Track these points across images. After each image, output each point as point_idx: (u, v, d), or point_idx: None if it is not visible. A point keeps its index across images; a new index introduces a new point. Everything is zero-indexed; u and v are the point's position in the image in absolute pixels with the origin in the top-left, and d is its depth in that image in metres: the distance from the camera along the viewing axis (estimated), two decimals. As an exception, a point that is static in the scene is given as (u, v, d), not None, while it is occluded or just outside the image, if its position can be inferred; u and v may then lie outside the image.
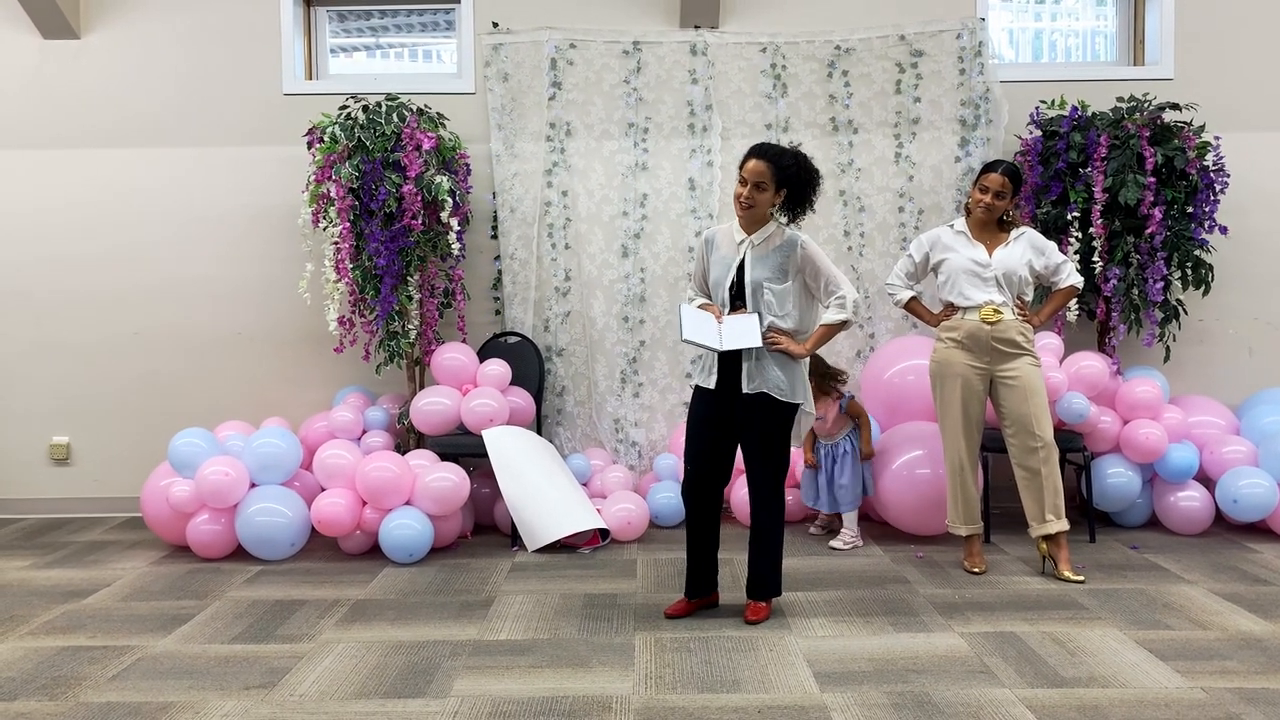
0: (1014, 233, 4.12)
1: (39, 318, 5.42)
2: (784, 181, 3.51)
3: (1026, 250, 4.09)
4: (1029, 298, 4.16)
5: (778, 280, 3.52)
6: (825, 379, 4.53)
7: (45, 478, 5.47)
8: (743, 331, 3.44)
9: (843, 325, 3.60)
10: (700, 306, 3.60)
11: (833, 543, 4.55)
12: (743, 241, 3.58)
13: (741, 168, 3.52)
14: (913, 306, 4.29)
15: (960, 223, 4.17)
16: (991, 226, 4.12)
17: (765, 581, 3.62)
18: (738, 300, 3.55)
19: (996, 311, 4.02)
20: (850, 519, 4.57)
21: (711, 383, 3.52)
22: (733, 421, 3.54)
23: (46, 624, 3.66)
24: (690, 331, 3.42)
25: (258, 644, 3.42)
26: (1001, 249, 4.07)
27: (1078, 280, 4.17)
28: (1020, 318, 4.07)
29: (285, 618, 3.68)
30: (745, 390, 3.48)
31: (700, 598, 3.69)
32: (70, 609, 3.83)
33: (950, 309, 4.14)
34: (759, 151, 3.51)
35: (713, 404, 3.54)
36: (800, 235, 3.57)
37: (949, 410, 4.12)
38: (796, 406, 3.55)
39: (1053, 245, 4.16)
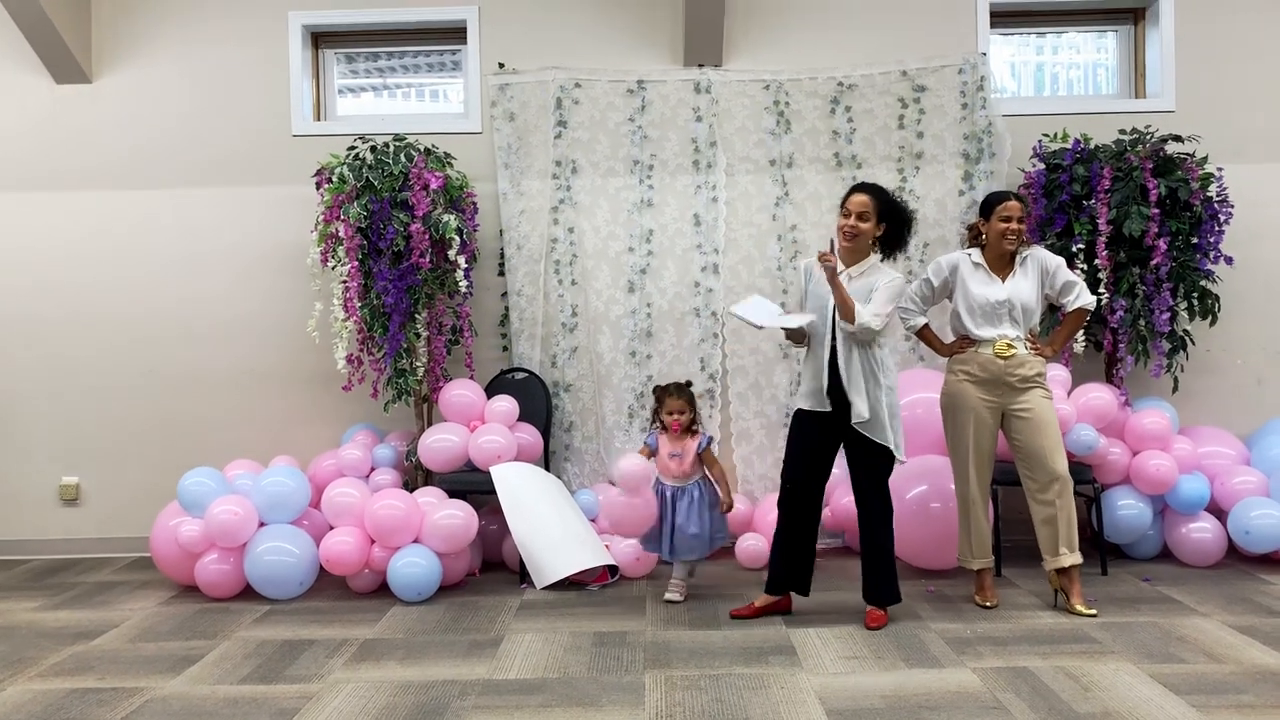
0: (1019, 258, 4.07)
1: (49, 358, 5.45)
2: (884, 215, 3.85)
3: (1037, 276, 4.05)
4: (1038, 329, 4.14)
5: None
6: (676, 403, 4.28)
7: (54, 518, 5.47)
8: (790, 319, 3.89)
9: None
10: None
11: (670, 595, 4.27)
12: (842, 272, 3.83)
13: (845, 201, 3.87)
14: (924, 333, 4.27)
15: (977, 254, 4.10)
16: (1006, 255, 4.08)
17: (886, 589, 3.95)
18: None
19: (1010, 346, 4.00)
20: (682, 569, 4.30)
21: (824, 404, 3.85)
22: (834, 443, 3.93)
23: (55, 666, 3.65)
24: (743, 309, 3.90)
25: (267, 684, 3.40)
26: (1013, 280, 4.03)
27: (1087, 301, 4.06)
28: (1032, 350, 4.05)
29: (294, 658, 3.67)
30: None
31: (780, 597, 4.05)
32: (79, 650, 3.82)
33: (964, 341, 4.12)
34: (862, 187, 3.89)
35: (820, 427, 3.90)
36: (898, 275, 3.88)
37: (960, 444, 4.11)
38: None
39: (1060, 261, 4.10)
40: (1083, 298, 4.07)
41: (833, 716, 3.02)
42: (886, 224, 3.86)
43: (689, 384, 4.33)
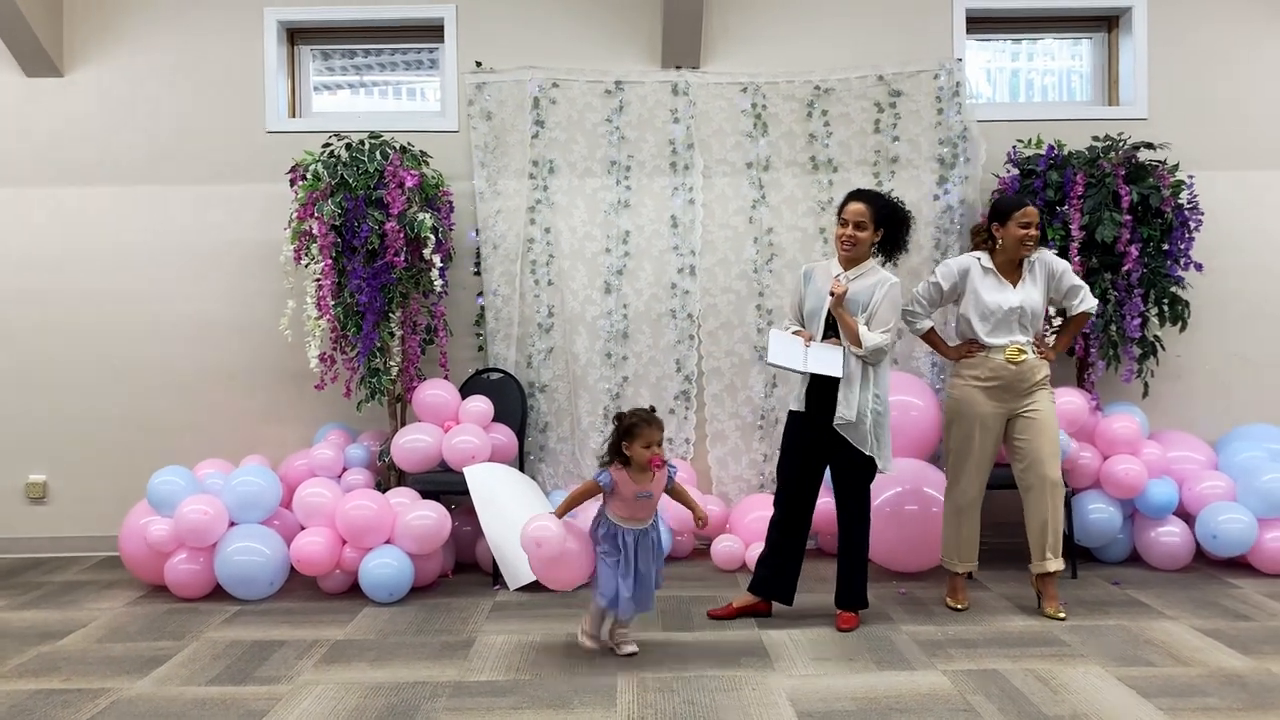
0: (1026, 264, 4.05)
1: (18, 354, 5.38)
2: (881, 221, 3.87)
3: (1044, 280, 4.05)
4: (1042, 333, 4.12)
5: (855, 314, 3.82)
6: (658, 434, 3.52)
7: (21, 516, 5.40)
8: (826, 360, 3.78)
9: None
10: (794, 333, 3.92)
11: (628, 648, 3.63)
12: (839, 276, 3.86)
13: (842, 211, 3.89)
14: (929, 336, 4.24)
15: (986, 259, 4.08)
16: (1017, 260, 4.05)
17: (856, 593, 3.95)
18: (831, 331, 3.86)
19: (1021, 351, 3.98)
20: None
21: (801, 406, 3.90)
22: (823, 444, 3.87)
23: (19, 667, 3.60)
24: (775, 355, 3.79)
25: (235, 686, 3.37)
26: (1024, 286, 4.02)
27: (1091, 305, 4.09)
28: (1038, 354, 4.03)
29: (263, 659, 3.64)
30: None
31: (760, 599, 4.02)
32: (45, 651, 3.77)
33: (972, 346, 4.07)
34: (857, 195, 3.90)
35: (806, 427, 3.88)
36: (891, 279, 3.86)
37: (964, 449, 4.07)
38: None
39: (1066, 265, 4.10)
40: (1087, 301, 4.09)
41: (804, 718, 3.03)
42: (884, 229, 3.89)
43: (653, 409, 3.62)
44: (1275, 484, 4.58)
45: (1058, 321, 4.36)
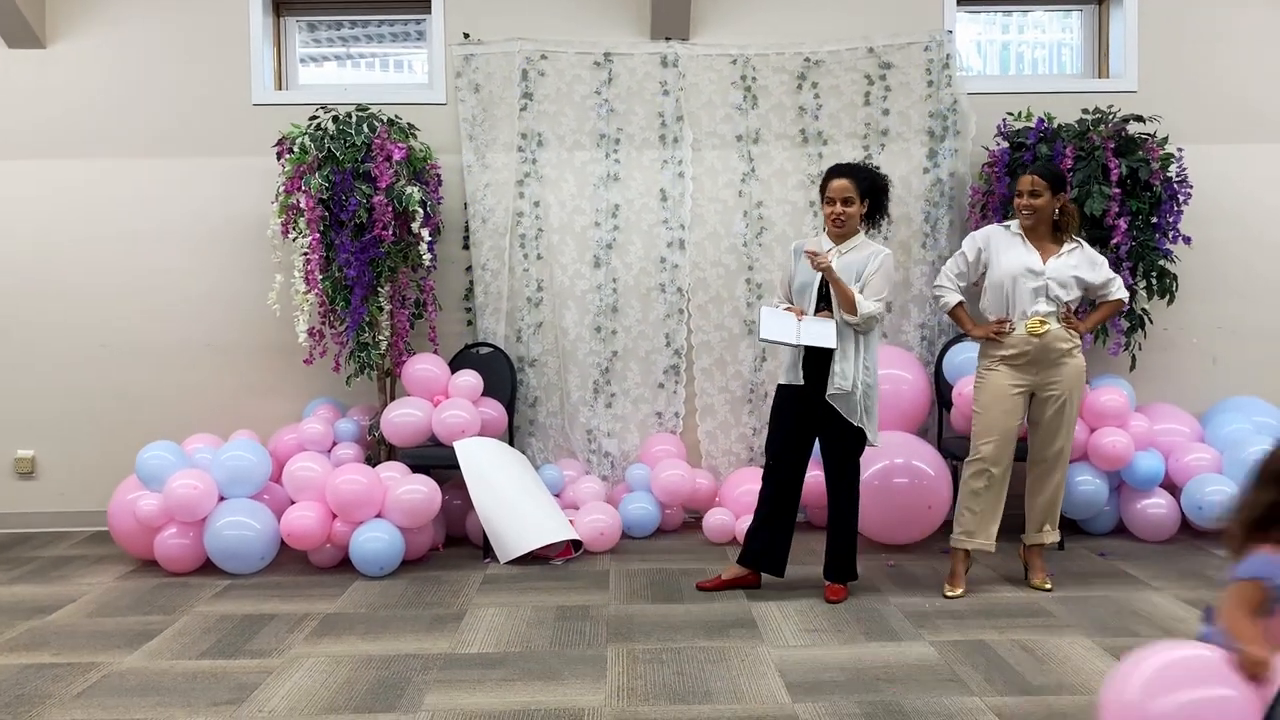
0: (1068, 245, 4.01)
1: (4, 329, 5.35)
2: (866, 192, 3.89)
3: (1081, 263, 3.99)
4: (1074, 305, 4.09)
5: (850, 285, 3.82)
6: None
7: (10, 491, 5.38)
8: (819, 332, 3.77)
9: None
10: (785, 309, 3.91)
11: None
12: (830, 250, 3.88)
13: (825, 188, 3.90)
14: (956, 312, 4.17)
15: (1016, 225, 4.05)
16: (1043, 233, 4.00)
17: (845, 565, 3.96)
18: (823, 305, 3.86)
19: (1042, 322, 3.94)
20: None
21: (799, 378, 3.87)
22: (813, 416, 3.87)
23: (10, 641, 3.60)
24: (767, 330, 3.75)
25: (226, 659, 3.38)
26: (1055, 259, 3.97)
27: (1123, 294, 4.09)
28: (1066, 325, 3.98)
29: (254, 632, 3.65)
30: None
31: (749, 571, 4.04)
32: (34, 625, 3.77)
33: (999, 323, 4.00)
34: (841, 171, 3.91)
35: (796, 400, 3.88)
36: (884, 250, 3.88)
37: (982, 426, 4.00)
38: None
39: (1103, 260, 4.09)
40: (1120, 291, 4.07)
41: (792, 688, 3.06)
42: (870, 200, 3.91)
43: None
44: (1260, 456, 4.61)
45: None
